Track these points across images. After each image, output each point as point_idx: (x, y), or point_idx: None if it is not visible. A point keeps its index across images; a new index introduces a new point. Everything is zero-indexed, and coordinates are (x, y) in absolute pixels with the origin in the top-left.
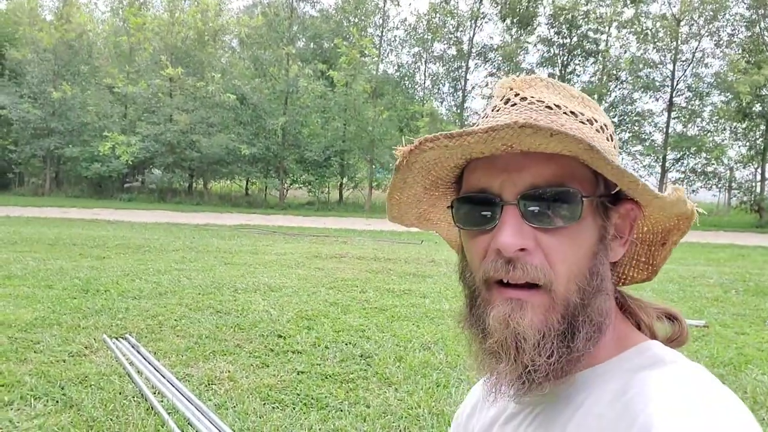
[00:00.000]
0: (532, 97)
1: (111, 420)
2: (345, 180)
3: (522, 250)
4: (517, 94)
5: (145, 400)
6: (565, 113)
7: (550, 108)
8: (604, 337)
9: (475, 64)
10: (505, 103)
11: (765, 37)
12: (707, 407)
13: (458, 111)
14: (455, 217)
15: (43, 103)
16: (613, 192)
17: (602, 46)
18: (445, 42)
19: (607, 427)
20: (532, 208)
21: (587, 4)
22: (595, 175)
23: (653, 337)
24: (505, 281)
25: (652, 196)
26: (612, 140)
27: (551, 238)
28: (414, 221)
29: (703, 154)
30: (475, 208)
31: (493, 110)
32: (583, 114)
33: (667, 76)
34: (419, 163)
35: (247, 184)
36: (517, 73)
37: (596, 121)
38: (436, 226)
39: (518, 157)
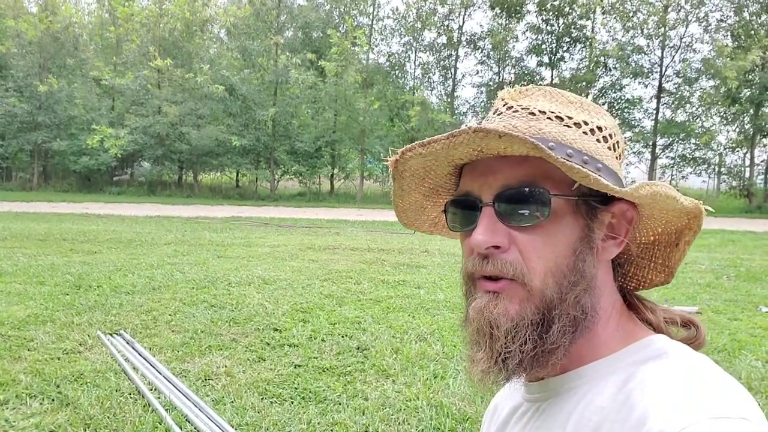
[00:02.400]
0: (519, 105)
1: (108, 418)
2: (336, 170)
3: (497, 247)
4: (505, 104)
5: (142, 396)
6: (549, 118)
7: (533, 114)
8: (602, 332)
9: (465, 52)
10: (494, 113)
11: (753, 23)
12: (706, 398)
13: (449, 100)
14: (447, 221)
15: (29, 97)
16: (602, 192)
17: (589, 33)
18: (435, 30)
19: (608, 419)
20: (505, 208)
21: None
22: None
23: (661, 332)
24: (481, 276)
25: (609, 190)
26: (606, 141)
27: (526, 236)
28: (431, 228)
29: (692, 140)
30: (462, 210)
31: (484, 121)
32: (571, 118)
33: (656, 63)
34: (408, 171)
35: (237, 175)
36: (516, 84)
37: (587, 123)
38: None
39: (494, 161)
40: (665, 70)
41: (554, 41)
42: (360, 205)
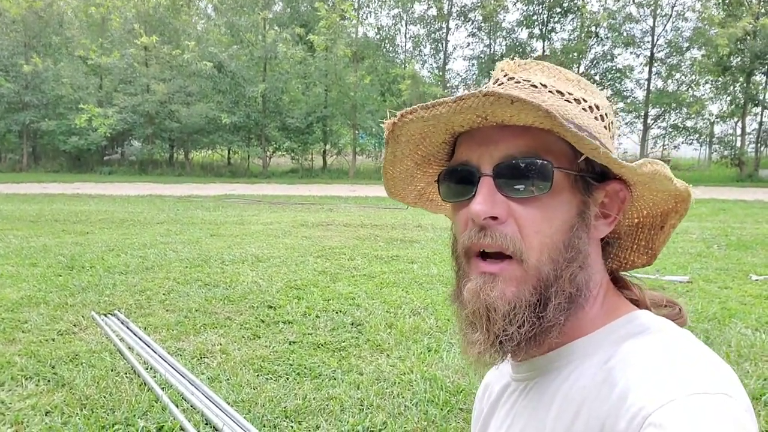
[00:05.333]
0: (521, 77)
1: (104, 397)
2: (328, 146)
3: (494, 219)
4: (506, 75)
5: (138, 376)
6: (550, 92)
7: (536, 86)
8: (590, 310)
9: (456, 24)
10: (494, 83)
11: None
12: (687, 373)
13: (440, 73)
14: (440, 191)
15: (15, 76)
16: (597, 170)
17: (580, 2)
18: (425, 2)
19: (589, 397)
20: (505, 179)
21: None
22: (573, 150)
23: (646, 309)
24: (478, 250)
25: (617, 164)
26: (603, 120)
27: (524, 209)
28: (416, 200)
29: (684, 110)
30: (458, 180)
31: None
32: (571, 94)
33: (647, 31)
34: (404, 136)
35: (229, 153)
36: (511, 57)
37: (585, 101)
38: (440, 207)
39: (495, 131)
40: (657, 39)
41: (545, 12)
42: (353, 181)
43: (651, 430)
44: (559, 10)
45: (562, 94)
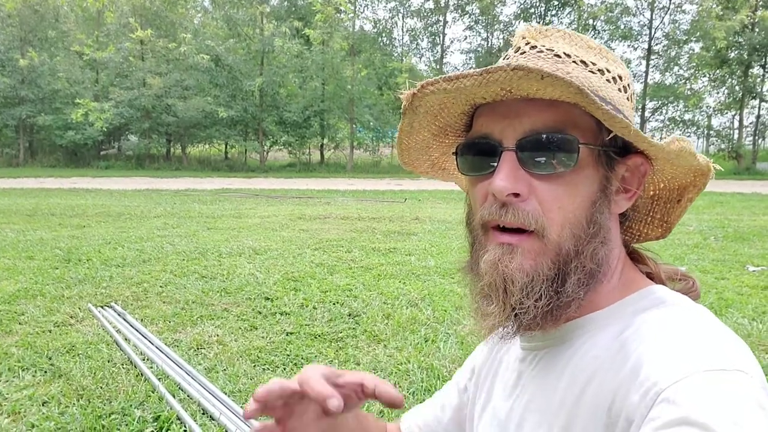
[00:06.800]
0: (543, 46)
1: (101, 388)
2: (326, 140)
3: (516, 195)
4: (528, 43)
5: (134, 366)
6: (574, 62)
7: (559, 56)
8: (607, 284)
9: (453, 17)
10: (516, 51)
11: None
12: (702, 349)
13: (437, 66)
14: (459, 163)
15: (11, 71)
16: (620, 144)
17: None
18: None
19: (602, 367)
20: (528, 154)
21: None
22: (598, 125)
23: (662, 284)
24: (499, 226)
25: (647, 143)
26: (625, 91)
27: (547, 185)
28: (428, 169)
29: (682, 103)
30: (477, 153)
31: (504, 59)
32: (595, 64)
33: (645, 24)
34: (423, 107)
35: (226, 147)
36: (534, 22)
37: (608, 71)
38: (453, 176)
39: (519, 104)
40: (654, 32)
41: (543, 5)
42: (351, 175)
43: (664, 405)
44: (556, 2)
45: (585, 64)
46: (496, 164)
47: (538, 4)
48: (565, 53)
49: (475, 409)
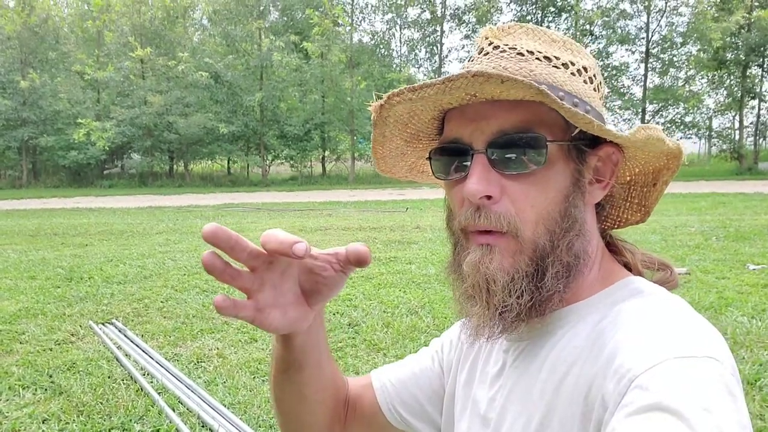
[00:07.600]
0: (506, 45)
1: (101, 404)
2: (327, 153)
3: (489, 198)
4: (491, 43)
5: (135, 382)
6: (537, 59)
7: (522, 54)
8: (588, 275)
9: (450, 27)
10: (479, 53)
11: None
12: (675, 336)
13: (436, 76)
14: (433, 168)
15: (12, 93)
16: (589, 135)
17: (573, 1)
18: (419, 6)
19: (580, 357)
20: (498, 155)
21: None
22: (566, 120)
23: (639, 275)
24: (474, 230)
25: (611, 135)
26: (591, 82)
27: (518, 185)
28: (407, 173)
29: (682, 105)
30: (450, 158)
31: (469, 61)
32: (558, 58)
33: (642, 28)
34: (392, 117)
35: (228, 163)
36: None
37: (573, 64)
38: (432, 178)
39: (486, 106)
40: (651, 35)
41: (539, 12)
42: (352, 186)
43: (637, 392)
44: (552, 9)
45: (549, 60)
46: (468, 168)
47: (534, 12)
48: (528, 51)
49: (456, 389)
